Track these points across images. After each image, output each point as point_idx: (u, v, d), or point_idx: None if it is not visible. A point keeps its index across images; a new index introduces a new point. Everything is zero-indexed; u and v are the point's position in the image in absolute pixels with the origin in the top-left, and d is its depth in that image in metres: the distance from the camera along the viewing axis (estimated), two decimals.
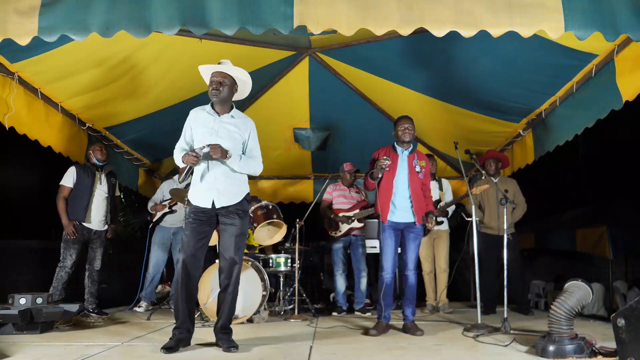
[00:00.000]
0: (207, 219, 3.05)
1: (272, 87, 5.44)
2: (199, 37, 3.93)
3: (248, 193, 3.18)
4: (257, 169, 3.21)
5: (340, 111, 5.77)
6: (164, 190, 5.62)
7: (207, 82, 3.12)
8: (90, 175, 4.70)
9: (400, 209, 3.72)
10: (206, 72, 3.12)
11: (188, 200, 3.15)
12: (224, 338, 2.98)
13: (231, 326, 3.10)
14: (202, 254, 3.04)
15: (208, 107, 3.15)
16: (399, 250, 3.79)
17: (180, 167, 3.14)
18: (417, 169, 3.80)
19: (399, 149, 3.84)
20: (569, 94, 4.16)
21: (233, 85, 3.11)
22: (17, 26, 2.59)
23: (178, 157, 3.12)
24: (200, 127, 3.08)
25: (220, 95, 3.05)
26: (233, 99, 3.20)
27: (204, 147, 2.97)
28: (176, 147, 3.17)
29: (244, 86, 3.20)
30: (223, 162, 3.03)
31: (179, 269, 2.98)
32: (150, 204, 5.61)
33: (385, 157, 3.67)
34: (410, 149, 3.84)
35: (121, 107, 4.84)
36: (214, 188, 3.02)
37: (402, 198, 3.73)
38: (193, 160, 2.94)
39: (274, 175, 7.29)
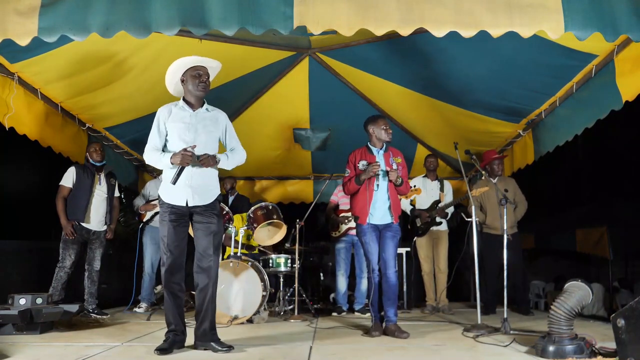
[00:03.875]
0: (182, 218, 3.01)
1: (272, 88, 5.45)
2: (199, 37, 3.93)
3: (220, 194, 3.15)
4: (243, 157, 3.20)
5: (340, 111, 5.77)
6: (150, 190, 5.57)
7: (175, 80, 3.08)
8: (90, 176, 4.70)
9: (379, 210, 3.67)
10: (177, 72, 3.07)
11: (159, 198, 3.07)
12: (215, 339, 2.94)
13: (231, 326, 3.09)
14: (183, 255, 3.01)
15: (180, 102, 3.09)
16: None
17: (160, 167, 3.09)
18: (394, 166, 3.76)
19: (374, 149, 3.79)
20: (568, 94, 4.16)
21: (209, 77, 3.12)
22: (17, 26, 2.59)
23: (155, 158, 3.02)
24: (177, 123, 3.03)
25: (207, 89, 3.06)
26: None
27: (195, 146, 2.93)
28: (149, 147, 3.07)
29: (214, 73, 3.18)
30: (215, 168, 3.04)
31: (164, 275, 2.94)
32: (137, 203, 5.55)
33: (377, 163, 3.62)
34: (384, 147, 3.80)
35: (121, 108, 4.84)
36: (189, 186, 2.98)
37: (382, 200, 3.68)
38: (189, 160, 2.90)
39: (274, 176, 7.29)
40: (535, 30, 2.56)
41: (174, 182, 2.92)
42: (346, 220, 5.19)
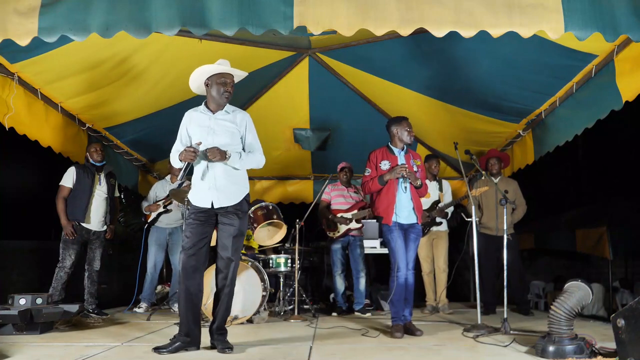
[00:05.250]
0: (207, 220, 3.03)
1: (272, 88, 5.44)
2: (199, 37, 3.93)
3: (248, 194, 3.16)
4: (260, 161, 3.19)
5: (340, 111, 5.77)
6: (157, 191, 5.60)
7: (199, 81, 3.10)
8: (90, 176, 4.70)
9: (404, 210, 3.71)
10: (203, 75, 3.09)
11: (188, 201, 3.14)
12: (220, 339, 2.97)
13: (231, 327, 3.10)
14: (204, 255, 3.02)
15: (201, 107, 3.15)
16: None
17: (176, 168, 3.13)
18: (415, 168, 3.80)
19: (395, 150, 3.83)
20: (568, 95, 4.16)
21: (234, 84, 3.14)
22: (17, 26, 2.59)
23: (175, 159, 3.08)
24: (196, 127, 3.08)
25: (230, 98, 3.10)
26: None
27: (200, 142, 2.96)
28: (173, 150, 3.14)
29: (237, 80, 3.21)
30: (224, 163, 3.03)
31: (181, 272, 2.96)
32: (144, 204, 5.60)
33: (404, 165, 3.67)
34: (405, 149, 3.84)
35: (121, 108, 4.84)
36: (214, 188, 3.01)
37: (405, 200, 3.72)
38: (191, 156, 2.92)
39: (274, 176, 7.29)
40: (535, 30, 2.56)
41: (181, 178, 3.00)
42: (347, 221, 5.19)
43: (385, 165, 3.75)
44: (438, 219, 5.27)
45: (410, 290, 3.75)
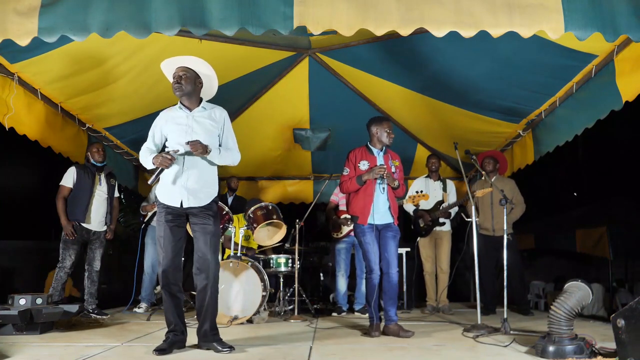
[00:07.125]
0: (178, 219, 3.01)
1: (272, 88, 5.45)
2: (199, 37, 3.93)
3: (217, 196, 3.13)
4: (236, 159, 3.16)
5: (340, 111, 5.77)
6: (155, 191, 5.59)
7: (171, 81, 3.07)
8: (90, 176, 4.70)
9: (379, 211, 3.70)
10: (168, 70, 3.06)
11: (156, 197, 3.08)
12: (216, 339, 2.94)
13: (231, 327, 3.09)
14: (181, 255, 3.03)
15: (177, 105, 3.10)
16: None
17: (148, 168, 3.08)
18: (393, 169, 3.79)
19: (374, 150, 3.82)
20: (568, 95, 4.16)
21: (195, 78, 3.04)
22: (17, 26, 2.59)
23: (146, 159, 3.03)
24: (173, 126, 3.03)
25: (183, 89, 2.99)
26: (203, 96, 3.15)
27: (179, 150, 2.93)
28: (143, 148, 3.09)
29: (210, 81, 3.12)
30: (203, 157, 3.00)
31: (161, 276, 2.96)
32: (143, 205, 5.60)
33: (382, 165, 3.66)
34: (384, 149, 3.83)
35: (121, 108, 4.84)
36: (184, 188, 2.97)
37: (382, 201, 3.72)
38: (167, 163, 2.88)
39: (274, 176, 7.29)
40: (535, 30, 2.56)
41: (151, 183, 2.96)
42: (348, 222, 5.18)
43: (364, 165, 3.74)
44: (441, 220, 5.26)
45: (395, 290, 3.70)
